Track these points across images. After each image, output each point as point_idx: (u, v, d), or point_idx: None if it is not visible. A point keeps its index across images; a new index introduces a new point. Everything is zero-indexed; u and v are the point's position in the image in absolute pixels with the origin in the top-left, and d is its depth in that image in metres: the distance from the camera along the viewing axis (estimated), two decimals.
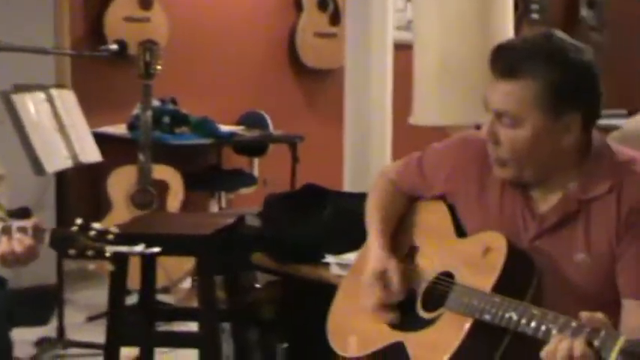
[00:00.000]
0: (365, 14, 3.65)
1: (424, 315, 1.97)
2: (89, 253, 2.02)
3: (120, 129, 5.04)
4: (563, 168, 1.88)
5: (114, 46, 4.42)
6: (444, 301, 1.91)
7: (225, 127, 5.15)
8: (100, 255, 2.02)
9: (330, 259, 2.73)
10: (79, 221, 2.04)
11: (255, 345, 3.04)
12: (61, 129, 3.79)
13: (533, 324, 1.70)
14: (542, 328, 1.67)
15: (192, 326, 3.23)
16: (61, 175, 3.96)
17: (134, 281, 3.09)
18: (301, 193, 3.04)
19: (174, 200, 4.51)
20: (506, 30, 2.87)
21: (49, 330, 4.06)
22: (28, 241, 2.05)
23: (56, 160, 3.70)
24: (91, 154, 3.95)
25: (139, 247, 2.03)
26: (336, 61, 5.19)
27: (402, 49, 3.81)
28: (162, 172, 4.52)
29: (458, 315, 1.85)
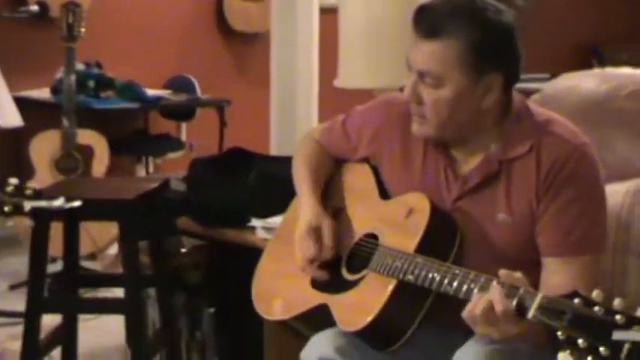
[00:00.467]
0: None
1: (348, 277, 1.97)
2: (6, 208, 1.97)
3: (43, 93, 4.93)
4: (484, 129, 1.89)
5: (35, 8, 4.31)
6: (367, 263, 1.92)
7: (152, 91, 5.07)
8: (18, 210, 1.97)
9: (256, 222, 2.72)
10: None
11: (182, 310, 3.02)
12: None
13: (455, 284, 1.71)
14: (464, 287, 1.69)
15: (119, 292, 3.19)
16: None
17: (59, 248, 3.03)
18: (227, 156, 3.02)
19: (99, 165, 4.45)
20: None
21: None
22: None
23: None
24: (12, 118, 3.86)
25: (58, 202, 1.99)
26: (264, 25, 5.13)
27: (329, 12, 3.79)
28: (87, 136, 4.45)
29: (381, 276, 1.86)
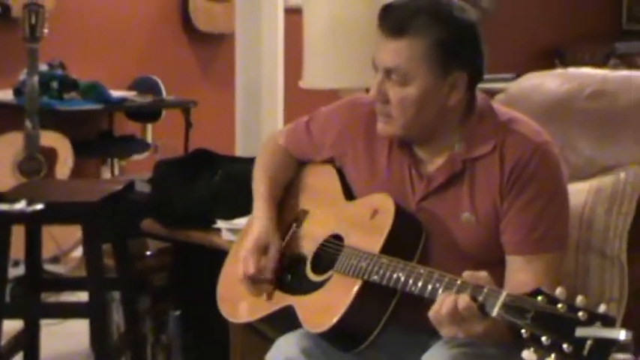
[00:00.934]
0: None
1: (314, 278, 1.97)
2: None
3: (6, 95, 4.87)
4: (448, 128, 1.89)
5: None
6: (333, 264, 1.91)
7: (117, 93, 5.03)
8: None
9: (221, 224, 2.70)
10: None
11: (147, 313, 3.01)
12: None
13: (420, 283, 1.71)
14: (429, 287, 1.69)
15: (83, 296, 3.16)
16: None
17: (22, 251, 2.99)
18: (192, 158, 3.01)
19: (63, 167, 4.41)
20: None
21: None
22: None
23: None
24: None
25: (19, 205, 1.97)
26: (230, 26, 5.09)
27: (294, 13, 3.79)
28: (50, 138, 4.41)
29: (347, 277, 1.85)
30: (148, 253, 3.06)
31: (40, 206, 2.04)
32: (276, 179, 2.16)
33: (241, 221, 2.52)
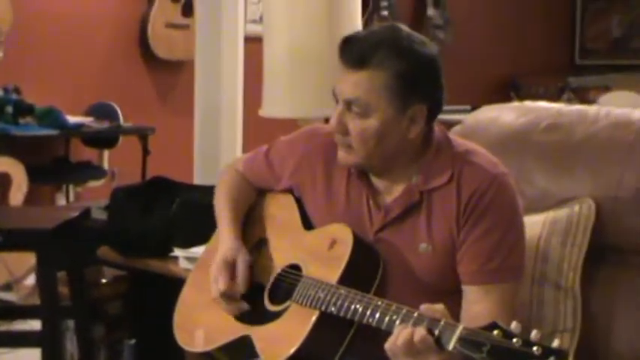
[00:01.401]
0: (216, 6, 3.60)
1: (271, 308, 1.96)
2: None
3: None
4: (407, 159, 1.91)
5: None
6: (291, 294, 1.91)
7: (73, 118, 5.00)
8: None
9: (178, 252, 2.69)
10: None
11: (101, 342, 2.97)
12: None
13: (377, 315, 1.71)
14: (386, 319, 1.69)
15: (35, 325, 3.11)
16: None
17: None
18: (149, 185, 2.99)
19: (17, 193, 4.36)
20: (355, 25, 2.90)
21: None
22: None
23: None
24: None
25: None
26: (189, 53, 5.09)
27: (254, 41, 3.80)
28: (3, 164, 4.37)
29: (304, 308, 1.85)
30: (103, 280, 3.03)
31: None
32: (238, 204, 2.16)
33: (199, 249, 2.51)
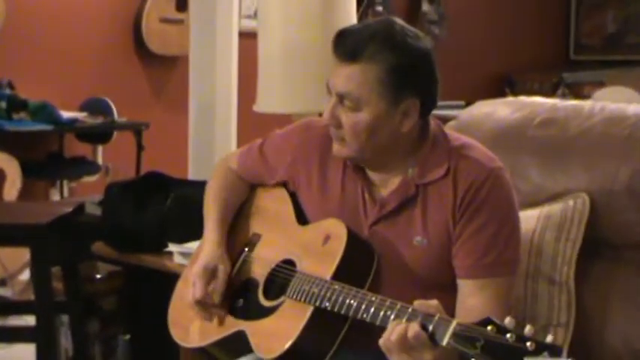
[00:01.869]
0: (210, 1, 3.59)
1: (265, 303, 1.96)
2: None
3: None
4: (402, 153, 1.91)
5: None
6: (285, 290, 1.91)
7: (67, 113, 4.98)
8: None
9: (173, 247, 2.69)
10: None
11: (96, 337, 2.97)
12: None
13: (371, 310, 1.72)
14: (380, 314, 1.70)
15: (30, 320, 3.11)
16: None
17: None
18: (143, 180, 2.99)
19: (11, 189, 4.35)
20: (349, 20, 2.90)
21: None
22: None
23: None
24: None
25: None
26: (183, 48, 5.08)
27: (249, 37, 3.79)
28: None
29: (299, 303, 1.85)
30: (97, 276, 3.02)
31: None
32: (227, 203, 2.15)
33: (193, 245, 2.50)
